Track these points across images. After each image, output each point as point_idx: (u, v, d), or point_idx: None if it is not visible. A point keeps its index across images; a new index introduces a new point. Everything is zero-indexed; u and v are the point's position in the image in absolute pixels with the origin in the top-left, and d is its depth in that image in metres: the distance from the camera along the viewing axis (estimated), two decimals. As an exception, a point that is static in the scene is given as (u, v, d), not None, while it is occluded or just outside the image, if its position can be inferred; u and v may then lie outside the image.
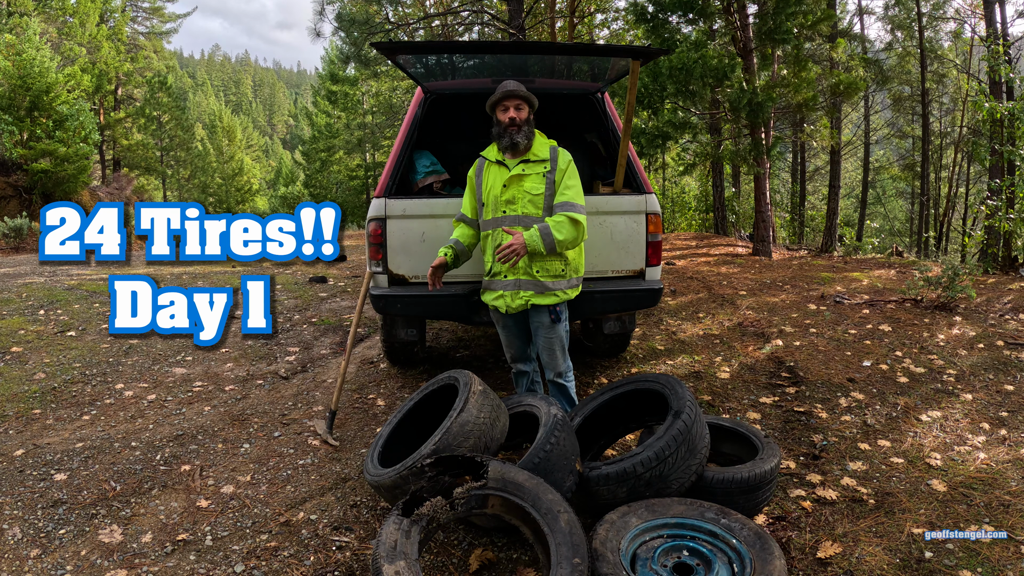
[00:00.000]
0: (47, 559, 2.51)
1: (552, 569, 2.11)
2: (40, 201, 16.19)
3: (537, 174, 3.09)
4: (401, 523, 2.23)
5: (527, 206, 3.09)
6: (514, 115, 3.08)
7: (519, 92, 3.11)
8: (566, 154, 3.14)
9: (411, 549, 2.15)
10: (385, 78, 21.70)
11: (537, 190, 3.08)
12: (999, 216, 7.76)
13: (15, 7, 19.99)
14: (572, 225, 2.97)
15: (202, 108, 63.72)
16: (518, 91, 3.11)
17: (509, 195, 3.12)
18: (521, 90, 3.12)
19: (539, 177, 3.09)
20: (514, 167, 3.11)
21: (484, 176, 3.24)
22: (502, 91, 3.11)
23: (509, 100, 3.09)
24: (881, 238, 19.84)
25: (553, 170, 3.08)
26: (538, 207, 3.08)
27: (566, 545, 2.17)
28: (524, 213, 3.09)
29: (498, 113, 3.13)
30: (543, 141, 3.19)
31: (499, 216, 3.15)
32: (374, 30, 13.05)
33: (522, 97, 3.11)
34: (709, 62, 8.44)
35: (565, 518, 2.26)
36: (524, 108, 3.11)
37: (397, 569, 2.04)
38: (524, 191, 3.09)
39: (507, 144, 3.11)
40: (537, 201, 3.08)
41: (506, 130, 3.09)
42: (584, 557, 2.13)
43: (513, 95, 3.10)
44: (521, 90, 3.12)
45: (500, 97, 3.09)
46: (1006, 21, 15.45)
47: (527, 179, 3.10)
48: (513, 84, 3.15)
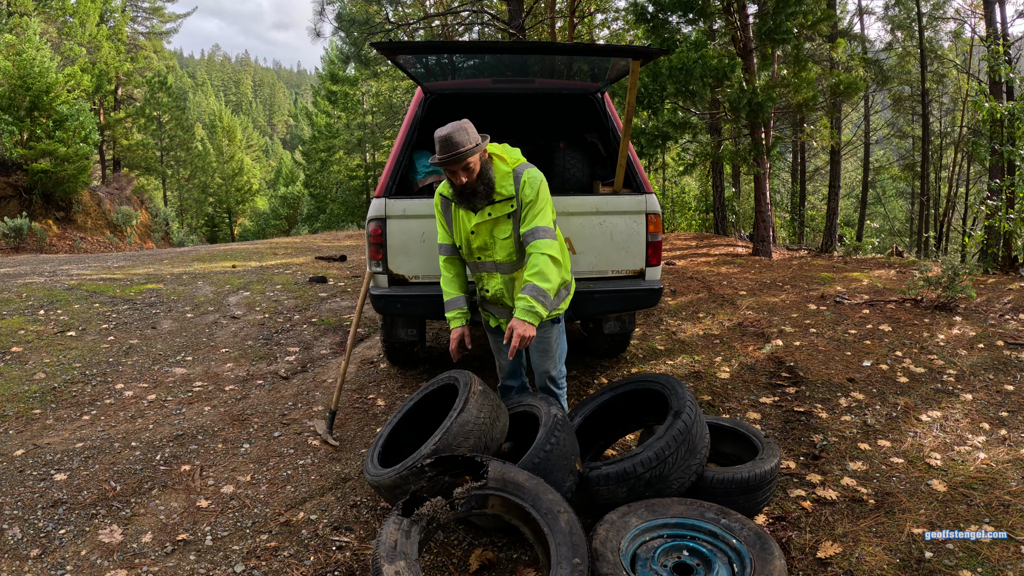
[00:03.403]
0: (47, 559, 2.51)
1: (552, 569, 2.11)
2: (40, 201, 16.19)
3: (504, 216, 2.82)
4: (401, 523, 2.23)
5: (499, 252, 2.89)
6: (464, 179, 2.71)
7: (457, 159, 2.65)
8: (531, 177, 2.77)
9: (411, 549, 2.15)
10: (385, 78, 21.70)
11: (505, 234, 2.85)
12: (999, 216, 7.76)
13: (15, 7, 19.98)
14: (553, 263, 2.72)
15: (202, 108, 63.73)
16: (455, 157, 2.64)
17: (480, 242, 2.90)
18: (458, 154, 2.64)
19: (506, 220, 2.83)
20: (479, 212, 2.84)
21: (452, 216, 2.95)
22: (437, 159, 2.70)
23: (450, 166, 2.70)
24: (881, 238, 19.84)
25: (518, 207, 2.79)
26: (510, 251, 2.88)
27: (566, 545, 2.17)
28: (498, 260, 2.91)
29: (445, 170, 2.76)
30: (505, 170, 2.79)
31: (475, 262, 2.98)
32: (374, 30, 13.05)
33: (462, 160, 2.66)
34: (709, 62, 8.44)
35: (565, 518, 2.26)
36: (472, 163, 2.69)
37: (397, 569, 2.04)
38: (494, 237, 2.87)
39: (467, 204, 2.81)
40: (508, 245, 2.87)
41: (461, 192, 2.76)
42: (584, 557, 2.13)
43: (451, 164, 2.67)
44: (458, 154, 2.64)
45: (438, 163, 2.71)
46: (1006, 21, 15.46)
47: (496, 225, 2.85)
48: (447, 145, 2.65)
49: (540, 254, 2.71)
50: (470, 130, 2.71)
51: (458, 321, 3.02)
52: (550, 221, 2.79)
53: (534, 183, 2.77)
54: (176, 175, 32.48)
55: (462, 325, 3.01)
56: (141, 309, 5.94)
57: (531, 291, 2.68)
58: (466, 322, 3.03)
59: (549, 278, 2.70)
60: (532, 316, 2.66)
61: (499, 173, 2.79)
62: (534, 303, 2.66)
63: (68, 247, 15.33)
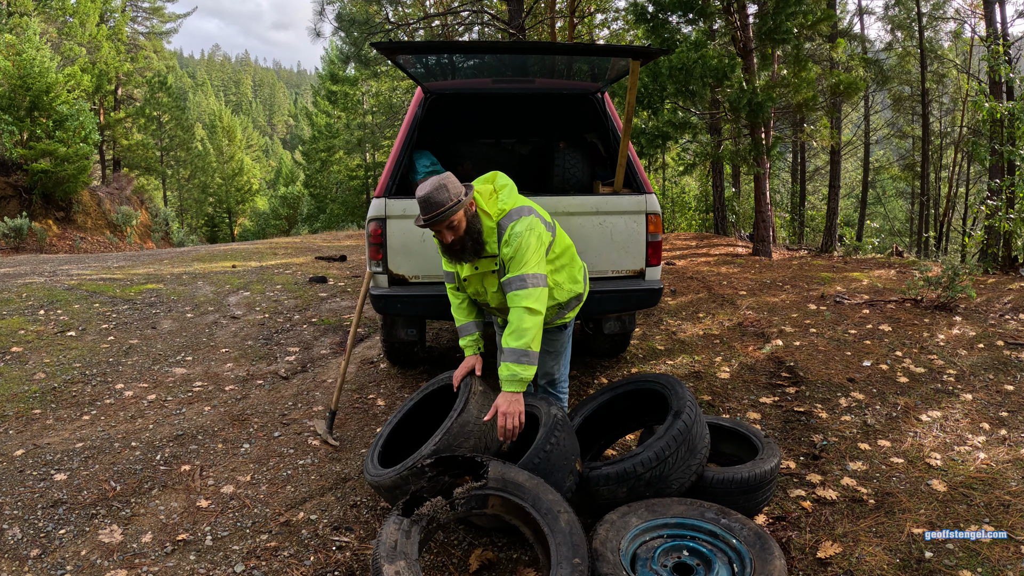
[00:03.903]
0: (47, 559, 2.51)
1: (552, 569, 2.11)
2: (40, 201, 16.19)
3: (489, 271, 2.75)
4: (401, 523, 2.23)
5: (492, 300, 2.84)
6: (450, 237, 2.61)
7: (439, 219, 2.53)
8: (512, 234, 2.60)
9: (411, 549, 2.16)
10: (385, 78, 21.69)
11: (494, 287, 2.78)
12: (999, 216, 7.76)
13: (15, 7, 19.98)
14: (528, 313, 2.53)
15: (202, 108, 63.73)
16: (437, 218, 2.53)
17: (473, 289, 2.86)
18: (439, 214, 2.52)
19: (491, 274, 2.76)
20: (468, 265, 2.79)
21: None
22: (420, 222, 2.60)
23: (433, 227, 2.60)
24: (881, 238, 19.83)
25: (501, 264, 2.68)
26: (502, 300, 2.81)
27: (566, 545, 2.17)
28: (496, 305, 2.86)
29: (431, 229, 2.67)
30: (490, 225, 2.65)
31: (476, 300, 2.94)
32: (374, 30, 13.05)
33: (444, 220, 2.55)
34: (709, 62, 8.43)
35: (565, 518, 2.26)
36: (456, 221, 2.57)
37: (397, 569, 2.04)
38: (485, 288, 2.82)
39: (456, 259, 2.73)
40: (498, 296, 2.81)
41: (449, 249, 2.67)
42: (584, 557, 2.13)
43: (433, 225, 2.57)
44: (439, 214, 2.52)
45: (421, 225, 2.62)
46: (1006, 21, 15.45)
47: (484, 278, 2.79)
48: (426, 206, 2.53)
49: (514, 308, 2.56)
50: (450, 186, 2.55)
51: (471, 349, 2.90)
52: (532, 267, 2.58)
53: (514, 240, 2.58)
54: (176, 175, 32.47)
55: (475, 354, 2.89)
56: (141, 309, 5.94)
57: (509, 356, 2.52)
58: (479, 350, 2.90)
59: (525, 332, 2.51)
60: (517, 384, 2.51)
61: (486, 228, 2.65)
62: (516, 368, 2.51)
63: (68, 247, 15.33)
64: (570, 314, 3.00)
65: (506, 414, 2.51)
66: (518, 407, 2.53)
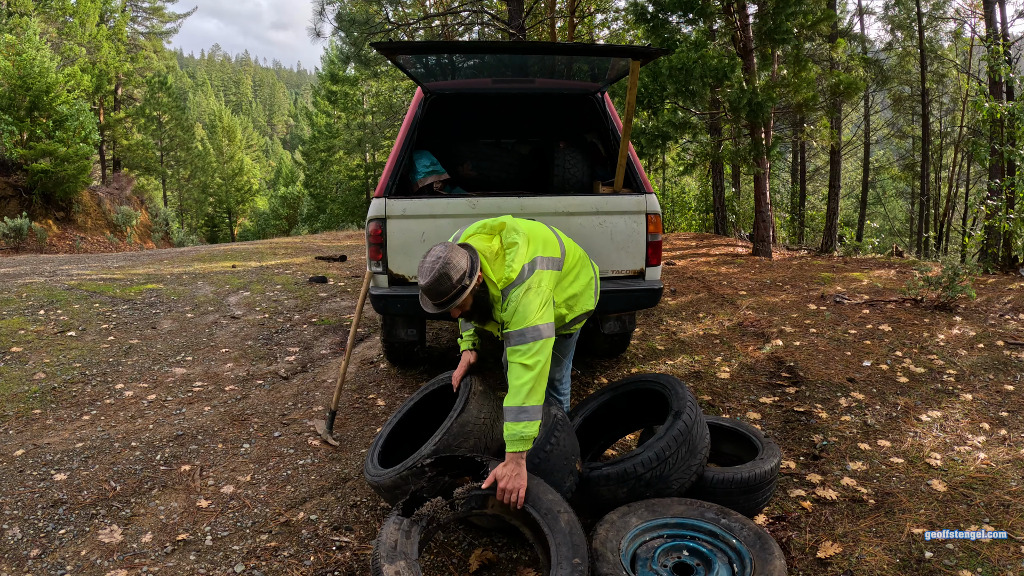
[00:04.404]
0: (47, 559, 2.51)
1: (552, 569, 2.11)
2: (40, 201, 16.18)
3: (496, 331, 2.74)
4: (401, 523, 2.24)
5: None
6: (457, 314, 2.58)
7: (447, 307, 2.46)
8: (511, 300, 2.50)
9: (411, 549, 2.16)
10: (385, 78, 21.70)
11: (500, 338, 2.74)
12: (999, 216, 7.75)
13: (15, 7, 19.98)
14: (525, 371, 2.39)
15: (202, 108, 63.72)
16: (445, 307, 2.46)
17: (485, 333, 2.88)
18: (447, 303, 2.44)
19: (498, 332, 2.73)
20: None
21: None
22: (429, 311, 2.53)
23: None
24: (881, 238, 19.84)
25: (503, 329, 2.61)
26: None
27: (566, 545, 2.17)
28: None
29: None
30: (496, 295, 2.55)
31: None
32: (374, 30, 13.05)
33: (451, 306, 2.47)
34: (709, 62, 8.43)
35: (565, 518, 2.26)
36: (463, 302, 2.49)
37: (397, 569, 2.05)
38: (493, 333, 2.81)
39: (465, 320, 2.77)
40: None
41: (459, 317, 2.66)
42: (584, 557, 2.13)
43: (444, 312, 2.50)
44: (447, 303, 2.44)
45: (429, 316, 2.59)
46: (1006, 21, 15.46)
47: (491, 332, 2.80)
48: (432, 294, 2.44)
49: (512, 363, 2.45)
50: (451, 271, 2.39)
51: (466, 344, 2.90)
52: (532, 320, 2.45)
53: (511, 304, 2.49)
54: (176, 175, 32.47)
55: (469, 349, 2.88)
56: (141, 309, 5.94)
57: (508, 415, 2.39)
58: (473, 346, 2.88)
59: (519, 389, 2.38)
60: (519, 443, 2.35)
61: (492, 299, 2.56)
62: (516, 427, 2.35)
63: (68, 247, 15.33)
64: (577, 325, 2.99)
65: (505, 489, 2.31)
66: (520, 481, 2.31)
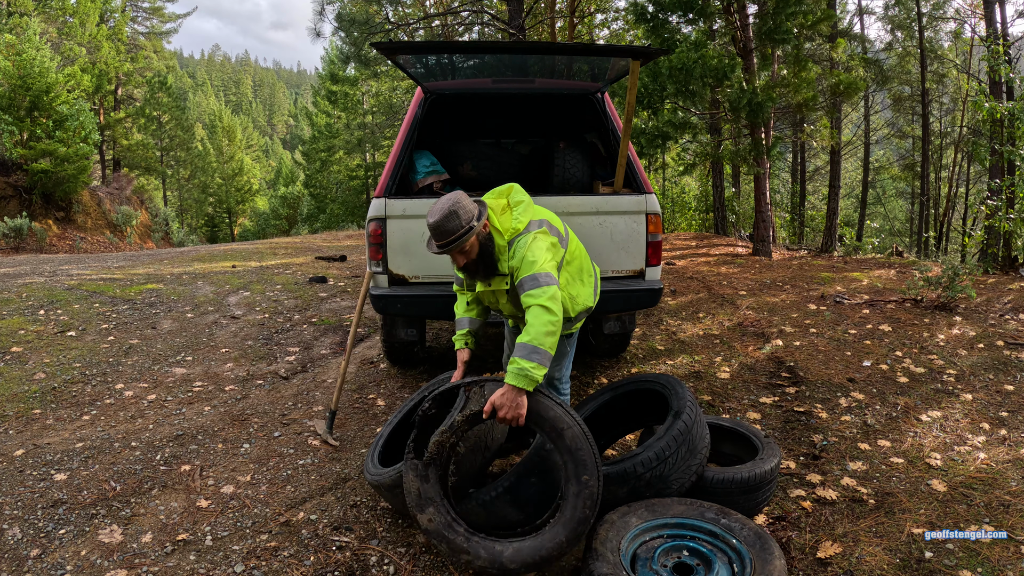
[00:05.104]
0: (47, 559, 2.51)
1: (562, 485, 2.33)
2: (40, 201, 16.18)
3: (502, 289, 2.72)
4: (417, 468, 2.32)
5: (507, 309, 2.83)
6: (462, 261, 2.59)
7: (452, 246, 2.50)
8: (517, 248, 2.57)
9: (434, 492, 2.29)
10: (385, 78, 21.70)
11: (504, 299, 2.78)
12: (999, 216, 7.75)
13: (15, 7, 19.98)
14: (542, 311, 2.40)
15: (202, 108, 63.68)
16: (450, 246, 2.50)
17: (487, 299, 2.85)
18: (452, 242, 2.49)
19: (503, 292, 2.74)
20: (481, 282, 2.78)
21: None
22: (434, 249, 2.59)
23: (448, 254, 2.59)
24: (881, 238, 19.83)
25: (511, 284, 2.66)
26: (512, 310, 2.82)
27: (572, 463, 2.35)
28: (508, 314, 2.86)
29: None
30: (501, 244, 2.61)
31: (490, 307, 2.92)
32: (374, 30, 13.05)
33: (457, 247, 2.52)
34: (709, 62, 8.43)
35: (570, 434, 2.36)
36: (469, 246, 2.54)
37: (429, 516, 2.20)
38: (497, 299, 2.81)
39: (469, 278, 2.74)
40: (508, 307, 2.80)
41: (462, 271, 2.66)
42: (594, 472, 2.33)
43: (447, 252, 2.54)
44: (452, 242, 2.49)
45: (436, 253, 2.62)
46: (1006, 21, 15.46)
47: (496, 292, 2.77)
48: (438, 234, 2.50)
49: (530, 308, 2.45)
50: (461, 212, 2.48)
51: (459, 343, 2.89)
52: (541, 267, 2.49)
53: (519, 252, 2.55)
54: (176, 175, 32.45)
55: (462, 348, 2.86)
56: (141, 309, 5.94)
57: (519, 351, 2.38)
58: (466, 345, 2.86)
59: (537, 328, 2.39)
60: (522, 380, 2.33)
61: (497, 247, 2.61)
62: (523, 363, 2.34)
63: (68, 247, 15.33)
64: (577, 324, 2.98)
65: (505, 418, 2.34)
66: (519, 410, 2.33)
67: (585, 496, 2.26)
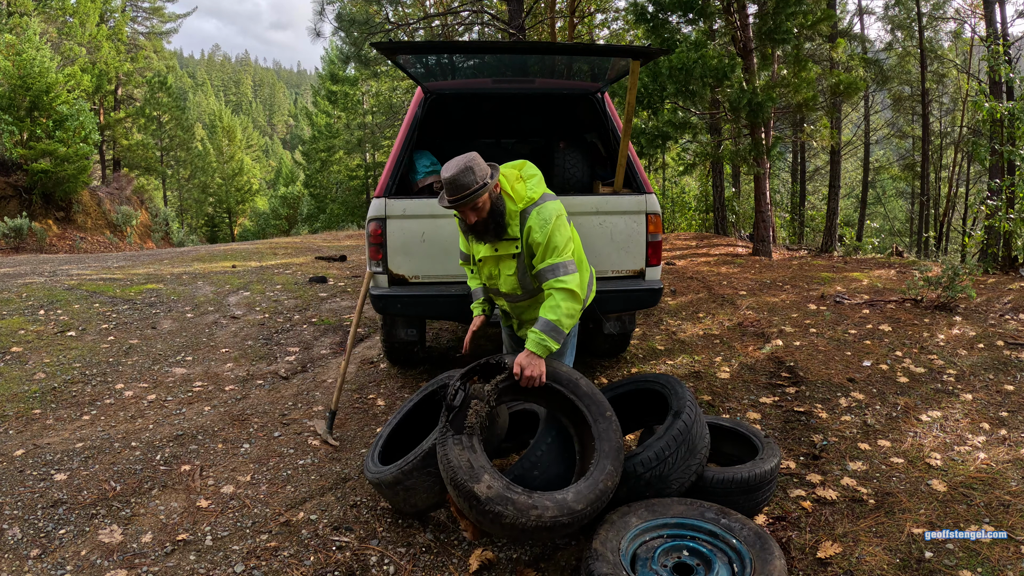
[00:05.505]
0: (47, 559, 2.51)
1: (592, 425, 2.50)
2: (40, 201, 16.18)
3: (508, 255, 2.77)
4: (461, 440, 2.36)
5: (504, 284, 2.87)
6: (473, 218, 2.65)
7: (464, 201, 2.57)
8: (538, 221, 2.65)
9: (485, 461, 2.33)
10: (385, 78, 21.69)
11: (510, 271, 2.81)
12: (999, 216, 7.75)
13: (15, 7, 19.97)
14: (569, 296, 2.58)
15: (202, 108, 63.67)
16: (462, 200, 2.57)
17: (487, 271, 2.90)
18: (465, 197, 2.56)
19: (510, 258, 2.78)
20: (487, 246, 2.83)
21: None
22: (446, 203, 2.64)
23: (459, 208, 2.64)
24: (881, 238, 19.85)
25: (523, 251, 2.73)
26: (514, 286, 2.85)
27: (594, 404, 2.54)
28: (507, 290, 2.89)
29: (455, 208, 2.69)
30: (513, 209, 2.69)
31: (487, 284, 2.98)
32: (374, 30, 13.05)
33: (469, 202, 2.59)
34: (709, 62, 8.43)
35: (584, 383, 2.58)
36: (481, 203, 2.62)
37: (488, 484, 2.22)
38: (500, 270, 2.86)
39: (476, 238, 2.78)
40: (511, 281, 2.83)
41: (472, 229, 2.71)
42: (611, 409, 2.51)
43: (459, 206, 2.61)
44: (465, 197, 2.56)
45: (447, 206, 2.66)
46: (1006, 21, 15.46)
47: (501, 261, 2.82)
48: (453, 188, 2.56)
49: (557, 289, 2.59)
50: (476, 168, 2.56)
51: (476, 309, 3.06)
52: (566, 255, 2.64)
53: (543, 227, 2.64)
54: (176, 175, 32.46)
55: (479, 314, 3.05)
56: (141, 309, 5.94)
57: (541, 324, 2.56)
58: (483, 312, 3.05)
59: (562, 309, 2.57)
60: (541, 348, 2.54)
61: (508, 211, 2.69)
62: (543, 336, 2.54)
63: (68, 247, 15.33)
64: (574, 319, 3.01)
65: (529, 376, 2.53)
66: (540, 369, 2.54)
67: (614, 427, 2.51)
